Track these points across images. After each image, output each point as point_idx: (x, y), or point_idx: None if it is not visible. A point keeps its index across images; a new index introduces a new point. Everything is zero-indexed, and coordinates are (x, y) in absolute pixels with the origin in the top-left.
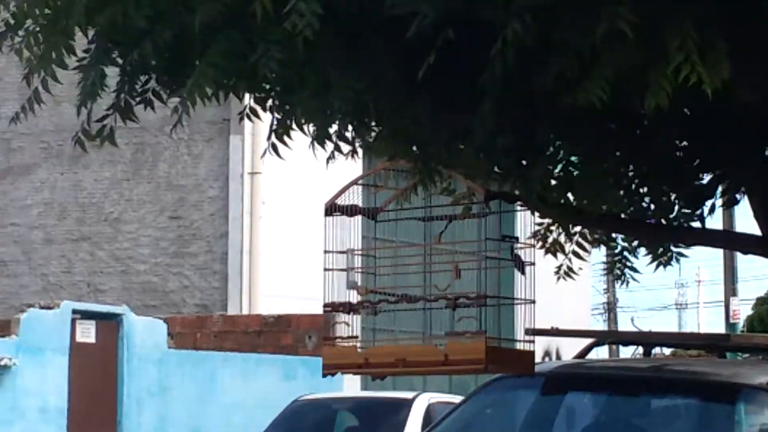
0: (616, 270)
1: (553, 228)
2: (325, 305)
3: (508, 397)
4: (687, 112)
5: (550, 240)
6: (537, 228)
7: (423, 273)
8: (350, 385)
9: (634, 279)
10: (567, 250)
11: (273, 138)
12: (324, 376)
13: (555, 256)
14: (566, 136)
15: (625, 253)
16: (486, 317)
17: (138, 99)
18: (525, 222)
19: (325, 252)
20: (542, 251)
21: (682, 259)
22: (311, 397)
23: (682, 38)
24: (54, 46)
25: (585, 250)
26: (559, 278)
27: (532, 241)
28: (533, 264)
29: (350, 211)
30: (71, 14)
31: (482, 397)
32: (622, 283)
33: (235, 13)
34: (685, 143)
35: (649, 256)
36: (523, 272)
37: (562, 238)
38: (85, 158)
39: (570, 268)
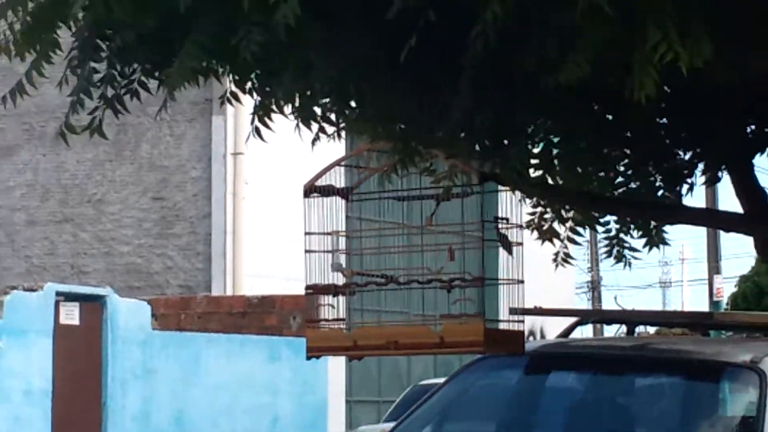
0: (615, 252)
1: (547, 216)
2: (307, 287)
3: (492, 377)
4: (667, 90)
5: (545, 227)
6: (530, 217)
7: (410, 254)
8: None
9: (636, 258)
10: (562, 237)
11: (256, 121)
12: (308, 358)
13: (552, 242)
14: (546, 115)
15: (621, 235)
16: (483, 299)
17: (124, 90)
18: (507, 202)
19: (306, 234)
20: (539, 240)
21: (665, 236)
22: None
23: (660, 17)
24: (40, 41)
25: (579, 234)
26: (557, 265)
27: (521, 223)
28: (521, 244)
29: (326, 191)
30: (57, 11)
31: (465, 378)
32: (625, 265)
33: None
34: (665, 120)
35: (642, 238)
36: (510, 252)
37: (556, 225)
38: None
39: (567, 254)
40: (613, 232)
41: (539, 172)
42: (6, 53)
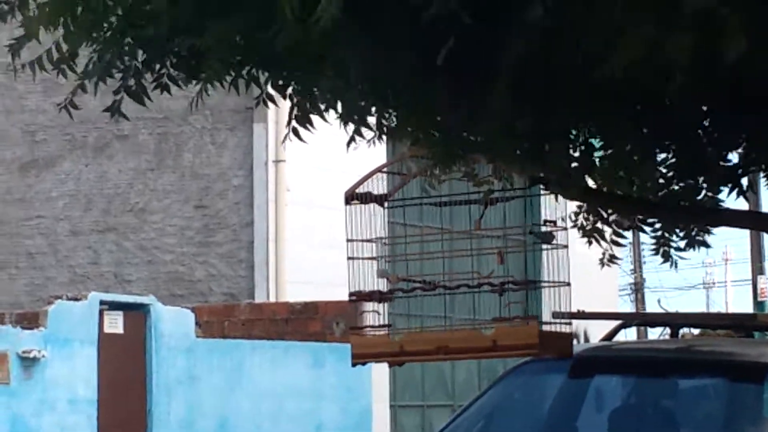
0: (662, 250)
1: (589, 216)
2: (351, 294)
3: (537, 380)
4: (708, 91)
5: (588, 227)
6: (574, 217)
7: (452, 259)
8: None
9: (682, 258)
10: (607, 238)
11: (294, 123)
12: (353, 365)
13: (598, 242)
14: (587, 118)
15: (667, 234)
16: (535, 302)
17: (154, 84)
18: (552, 205)
19: (348, 241)
20: (583, 239)
21: (708, 238)
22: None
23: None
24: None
25: (622, 236)
26: (603, 266)
27: (567, 224)
28: (566, 247)
29: (365, 198)
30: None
31: (511, 381)
32: (671, 265)
33: None
34: (708, 122)
35: (683, 240)
36: (549, 242)
37: (599, 224)
38: (110, 149)
39: (613, 255)
40: (660, 232)
41: (581, 176)
42: (30, 29)
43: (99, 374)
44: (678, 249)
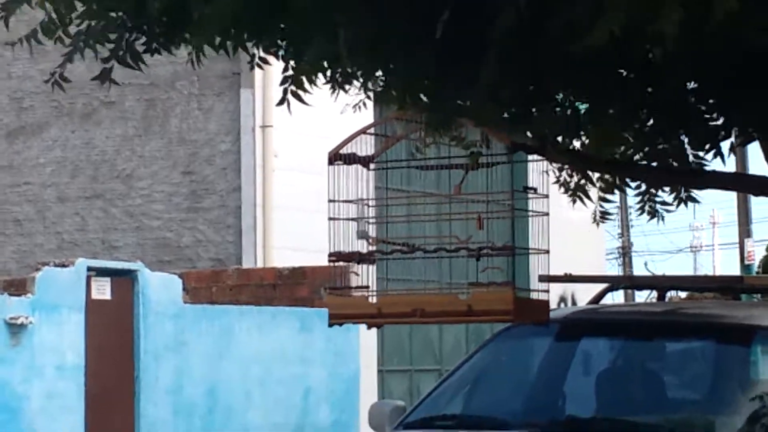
0: (648, 207)
1: (573, 174)
2: (331, 255)
3: (524, 344)
4: (694, 54)
5: (573, 186)
6: (557, 175)
7: (438, 223)
8: None
9: (668, 211)
10: (592, 196)
11: (290, 86)
12: (330, 325)
13: (582, 201)
14: (574, 83)
15: (652, 190)
16: (517, 267)
17: (143, 48)
18: (535, 171)
19: (330, 201)
20: (568, 198)
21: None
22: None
23: None
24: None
25: (608, 200)
26: (597, 223)
27: (548, 192)
28: (547, 214)
29: (349, 159)
30: None
31: (497, 345)
32: (659, 220)
33: None
34: (695, 85)
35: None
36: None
37: (583, 181)
38: (96, 116)
39: (605, 212)
40: (644, 188)
41: (567, 140)
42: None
43: (86, 340)
44: (664, 203)
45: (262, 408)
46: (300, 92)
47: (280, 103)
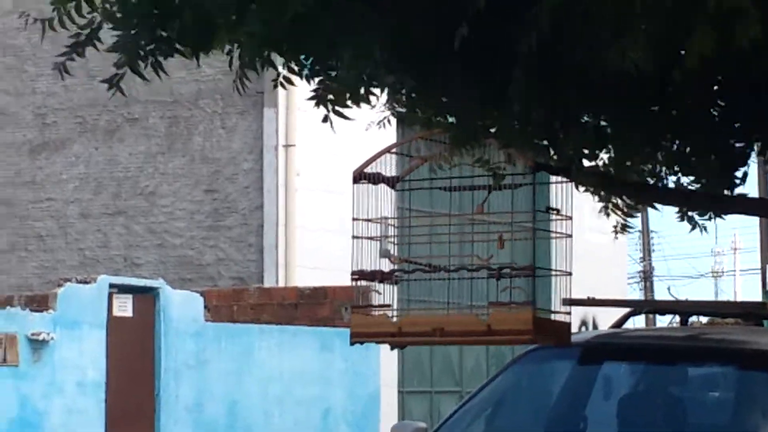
0: (687, 217)
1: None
2: (353, 273)
3: (545, 367)
4: (719, 78)
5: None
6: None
7: (459, 243)
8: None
9: (708, 219)
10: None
11: (329, 104)
12: (352, 344)
13: (615, 213)
14: (599, 105)
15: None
16: (539, 289)
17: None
18: (559, 193)
19: (354, 220)
20: (596, 231)
21: (718, 226)
22: None
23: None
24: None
25: (633, 216)
26: (617, 235)
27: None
28: (570, 236)
29: (374, 178)
30: None
31: (519, 368)
32: (702, 231)
33: None
34: (718, 110)
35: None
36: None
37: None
38: (120, 132)
39: (625, 224)
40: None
41: (592, 163)
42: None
43: (108, 357)
44: (702, 215)
45: (281, 427)
46: (340, 109)
47: (325, 120)
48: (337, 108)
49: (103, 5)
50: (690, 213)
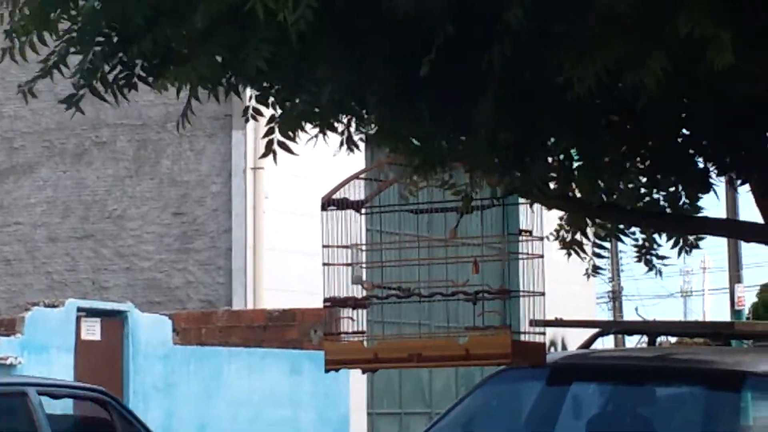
0: (644, 259)
1: (569, 228)
2: (326, 300)
3: (514, 388)
4: (685, 101)
5: (568, 239)
6: (556, 233)
7: (430, 267)
8: None
9: (665, 265)
10: (588, 251)
11: (277, 134)
12: (327, 371)
13: (578, 255)
14: (566, 129)
15: (647, 244)
16: (509, 311)
17: (123, 81)
18: (529, 214)
19: (324, 247)
20: (562, 251)
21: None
22: None
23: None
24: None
25: (603, 248)
26: (588, 277)
27: (542, 234)
28: (542, 257)
29: (341, 204)
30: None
31: (488, 389)
32: (656, 274)
33: (234, 11)
34: (685, 132)
35: (671, 241)
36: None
37: (578, 235)
38: (88, 156)
39: (596, 266)
40: (641, 241)
41: (559, 186)
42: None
43: (76, 381)
44: (660, 257)
45: None
46: (286, 141)
47: (264, 155)
48: (283, 140)
49: (63, 31)
50: (648, 255)
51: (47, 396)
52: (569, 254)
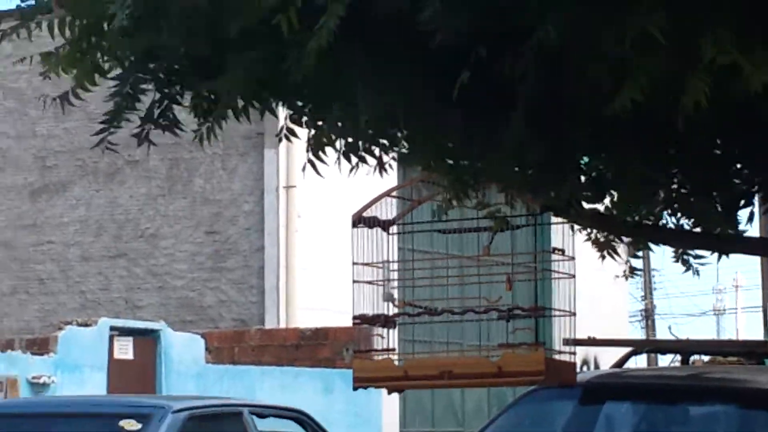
0: (682, 259)
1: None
2: (355, 318)
3: (547, 407)
4: (721, 120)
5: (602, 240)
6: (587, 232)
7: (462, 285)
8: None
9: (702, 264)
10: (620, 252)
11: (310, 154)
12: (355, 389)
13: (612, 257)
14: (598, 146)
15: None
16: (543, 329)
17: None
18: (561, 233)
19: (354, 264)
20: (597, 254)
21: (719, 265)
22: None
23: (717, 39)
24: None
25: (637, 256)
26: (627, 278)
27: (574, 254)
28: (573, 277)
29: (371, 223)
30: (105, 37)
31: (521, 409)
32: (694, 273)
33: (267, 26)
34: (719, 151)
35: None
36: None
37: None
38: (121, 175)
39: (633, 267)
40: None
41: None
42: (53, 70)
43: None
44: (697, 257)
45: None
46: (316, 160)
47: (304, 168)
48: (314, 159)
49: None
50: (685, 255)
51: (255, 416)
52: (603, 257)
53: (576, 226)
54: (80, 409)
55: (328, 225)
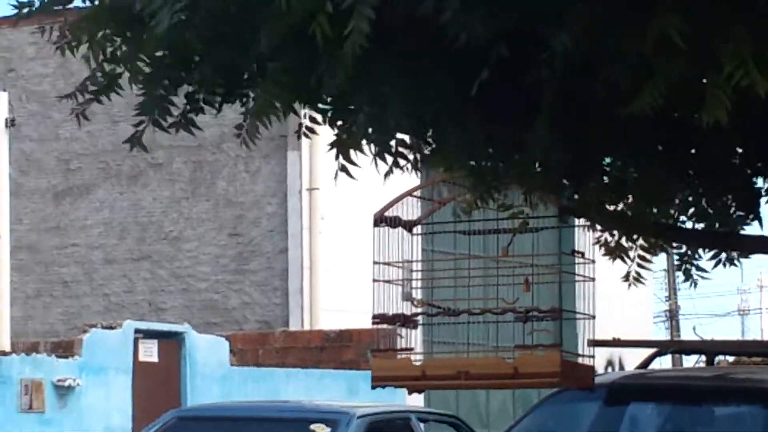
0: (684, 269)
1: (614, 234)
2: (374, 317)
3: (571, 409)
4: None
5: (612, 244)
6: (598, 234)
7: (483, 286)
8: None
9: (703, 278)
10: (632, 256)
11: (341, 159)
12: (373, 388)
13: (623, 260)
14: (620, 149)
15: (690, 253)
16: (560, 331)
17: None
18: (582, 235)
19: (374, 263)
20: (606, 257)
21: (743, 263)
22: None
23: (735, 45)
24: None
25: (648, 260)
26: (629, 285)
27: (594, 257)
28: (593, 279)
29: (393, 222)
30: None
31: (546, 410)
32: (690, 285)
33: (297, 33)
34: (740, 150)
35: (710, 253)
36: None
37: (624, 241)
38: (144, 177)
39: (639, 274)
40: (684, 249)
41: (614, 206)
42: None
43: (134, 403)
44: (699, 269)
45: None
46: (347, 164)
47: (343, 170)
48: (350, 157)
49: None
50: (687, 265)
51: (420, 422)
52: (613, 259)
53: (597, 227)
54: (272, 414)
55: (351, 227)
